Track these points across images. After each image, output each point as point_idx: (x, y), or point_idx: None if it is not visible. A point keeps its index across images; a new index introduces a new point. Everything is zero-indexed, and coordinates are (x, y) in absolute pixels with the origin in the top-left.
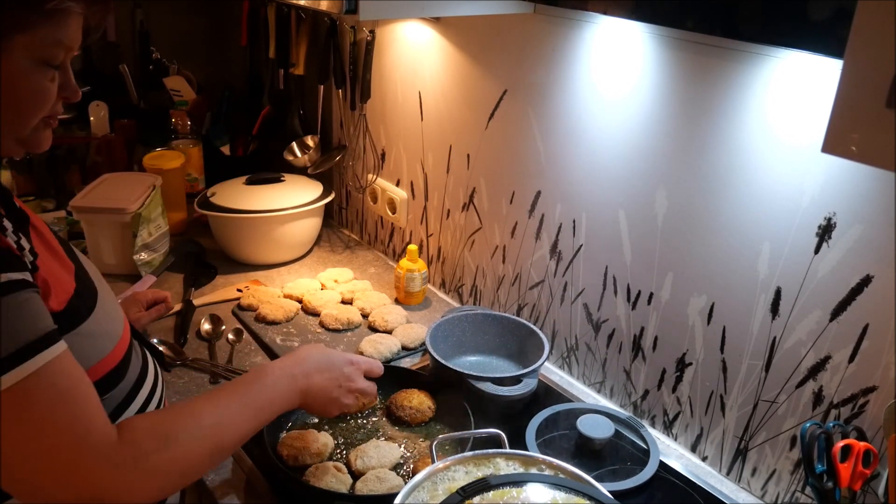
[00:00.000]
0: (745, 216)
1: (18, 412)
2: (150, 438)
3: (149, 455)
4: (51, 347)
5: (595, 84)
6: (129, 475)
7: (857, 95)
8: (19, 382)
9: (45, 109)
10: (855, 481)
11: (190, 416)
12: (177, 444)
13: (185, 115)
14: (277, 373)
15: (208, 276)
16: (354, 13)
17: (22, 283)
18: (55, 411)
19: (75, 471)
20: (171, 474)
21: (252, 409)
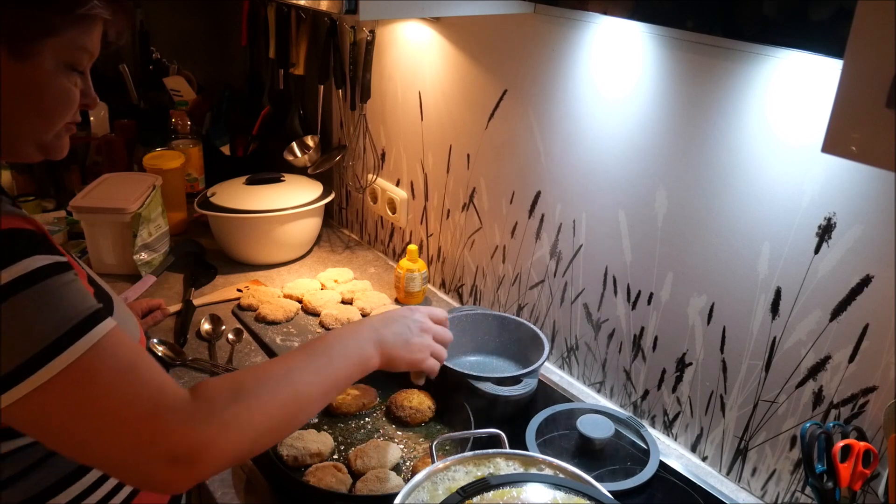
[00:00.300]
0: (745, 216)
1: (88, 384)
2: (223, 393)
3: (225, 408)
4: (105, 321)
5: (595, 84)
6: (208, 429)
7: (857, 95)
8: (86, 353)
9: (70, 114)
10: (855, 481)
11: (260, 370)
12: (249, 396)
13: (185, 115)
14: (348, 327)
15: (208, 276)
16: (354, 13)
17: (66, 265)
18: (124, 378)
19: (156, 431)
20: (251, 425)
21: (323, 359)
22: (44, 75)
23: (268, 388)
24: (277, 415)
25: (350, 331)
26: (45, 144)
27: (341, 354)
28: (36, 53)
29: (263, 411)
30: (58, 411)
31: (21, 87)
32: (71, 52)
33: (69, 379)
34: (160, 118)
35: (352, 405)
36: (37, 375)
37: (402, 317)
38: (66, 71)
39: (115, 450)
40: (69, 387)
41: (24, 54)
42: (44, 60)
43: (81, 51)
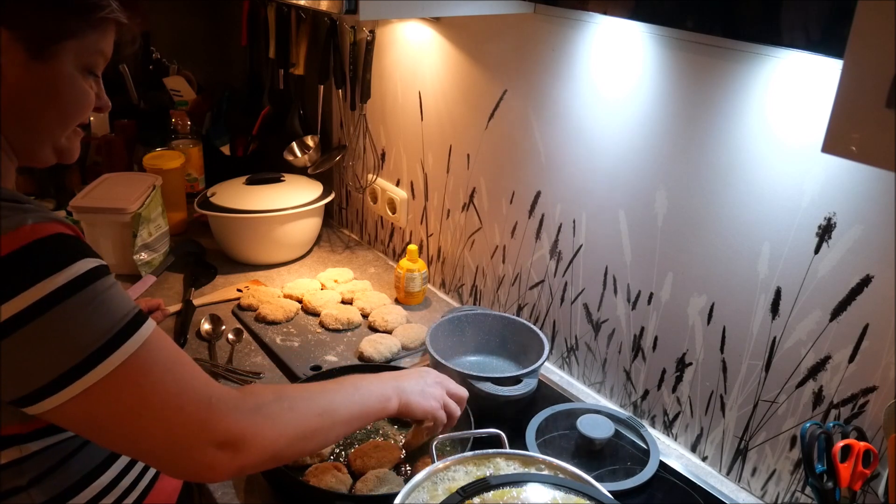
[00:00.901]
0: (745, 216)
1: (145, 376)
2: (267, 393)
3: (269, 403)
4: (148, 321)
5: (595, 84)
6: (255, 418)
7: (857, 95)
8: (137, 351)
9: (85, 114)
10: (855, 481)
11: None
12: (291, 400)
13: (185, 115)
14: (368, 375)
15: (208, 276)
16: (354, 13)
17: (107, 268)
18: (175, 370)
19: (208, 417)
20: (290, 425)
21: (350, 388)
22: (63, 77)
23: (305, 398)
24: (313, 423)
25: (374, 376)
26: (60, 147)
27: (367, 390)
28: (56, 55)
29: (301, 416)
30: (111, 408)
31: (42, 88)
32: (89, 55)
33: (123, 376)
34: (160, 118)
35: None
36: (91, 374)
37: (424, 372)
38: (84, 74)
39: (166, 439)
40: (123, 383)
41: (45, 56)
42: (64, 62)
43: (98, 54)
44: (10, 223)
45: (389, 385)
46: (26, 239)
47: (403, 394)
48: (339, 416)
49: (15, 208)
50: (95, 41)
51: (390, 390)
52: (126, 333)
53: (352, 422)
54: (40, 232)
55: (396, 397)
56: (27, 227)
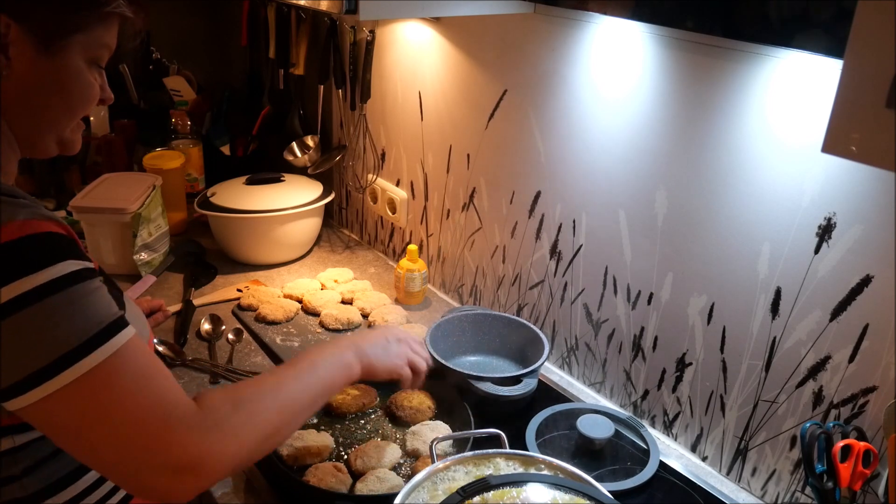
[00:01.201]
0: (745, 216)
1: (105, 391)
2: (225, 403)
3: (228, 418)
4: (125, 329)
5: (595, 84)
6: (213, 438)
7: (857, 95)
8: (106, 360)
9: (90, 106)
10: (855, 481)
11: (254, 382)
12: (248, 405)
13: (185, 115)
14: (324, 344)
15: (208, 276)
16: (354, 13)
17: (95, 271)
18: (142, 385)
19: (165, 440)
20: (251, 434)
21: (308, 370)
22: (71, 70)
23: (263, 399)
24: (274, 422)
25: (331, 344)
26: (63, 138)
27: (326, 365)
28: (64, 49)
29: (262, 420)
30: (73, 415)
31: (48, 80)
32: (95, 49)
33: (88, 384)
34: (160, 118)
35: (352, 405)
36: (58, 378)
37: (381, 330)
38: (90, 66)
39: (122, 455)
40: (87, 392)
41: (54, 50)
42: (72, 56)
43: (103, 47)
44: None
45: (349, 351)
46: (14, 234)
47: (364, 356)
48: (300, 406)
49: (10, 202)
50: (101, 35)
51: (350, 356)
52: (99, 340)
53: (315, 404)
54: (30, 228)
55: (358, 362)
56: (17, 222)
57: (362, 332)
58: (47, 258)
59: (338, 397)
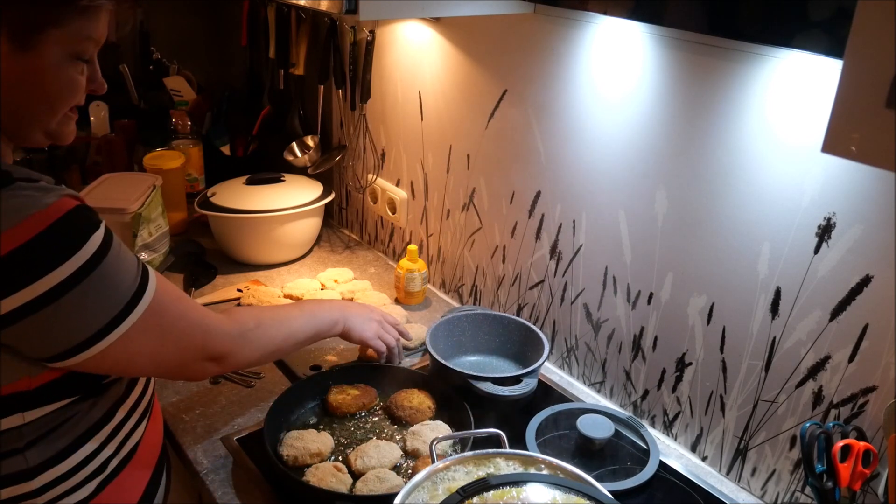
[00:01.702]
0: (745, 216)
1: (161, 316)
2: (250, 319)
3: (251, 330)
4: (151, 272)
5: (595, 84)
6: (239, 341)
7: (857, 95)
8: (152, 300)
9: (74, 100)
10: (855, 481)
11: (272, 310)
12: (265, 326)
13: (185, 115)
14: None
15: (208, 276)
16: (354, 13)
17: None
18: (179, 307)
19: (206, 340)
20: (262, 346)
21: (308, 315)
22: (48, 65)
23: (276, 325)
24: (279, 345)
25: (327, 301)
26: (50, 131)
27: (321, 316)
28: (39, 44)
29: (272, 339)
30: (141, 345)
31: (26, 77)
32: (76, 42)
33: (147, 319)
34: (160, 118)
35: (352, 405)
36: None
37: (365, 307)
38: (72, 60)
39: (178, 355)
40: (148, 325)
41: (28, 45)
42: (48, 51)
43: (86, 40)
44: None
45: (338, 312)
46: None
47: (347, 321)
48: (299, 338)
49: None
50: (81, 28)
51: (338, 316)
52: (143, 286)
53: (307, 341)
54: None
55: (342, 323)
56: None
57: (349, 303)
58: (89, 229)
59: (338, 397)
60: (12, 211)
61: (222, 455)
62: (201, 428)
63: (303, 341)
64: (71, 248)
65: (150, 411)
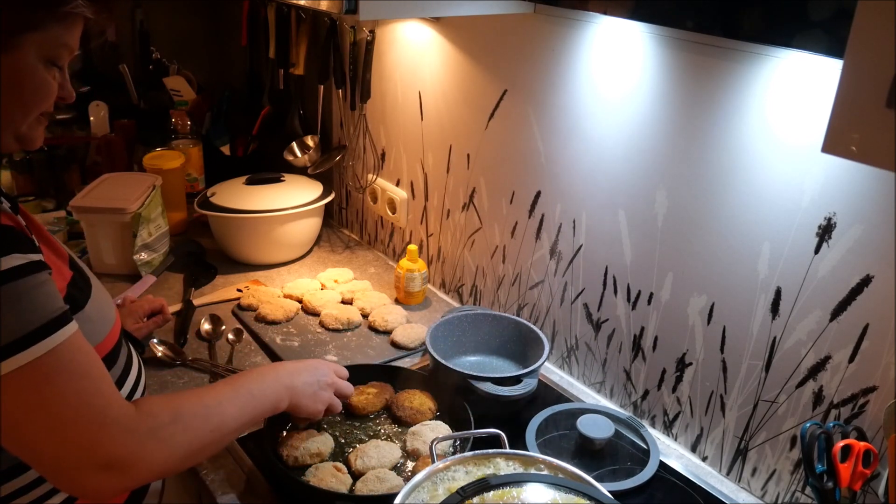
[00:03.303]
0: (745, 216)
1: (43, 385)
2: (164, 411)
3: (164, 426)
4: (67, 326)
5: (595, 84)
6: (147, 443)
7: (857, 95)
8: (42, 357)
9: (46, 104)
10: (855, 481)
11: (196, 397)
12: (186, 418)
13: (185, 115)
14: (267, 370)
15: (208, 276)
16: (354, 13)
17: (39, 264)
18: (78, 383)
19: (100, 438)
20: (182, 446)
21: (246, 397)
22: (25, 68)
23: (201, 416)
24: (206, 439)
25: (271, 374)
26: (21, 135)
27: (261, 394)
28: (18, 46)
29: (195, 435)
30: (8, 408)
31: (3, 78)
32: (52, 48)
33: (26, 377)
34: (160, 118)
35: (375, 403)
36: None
37: (314, 369)
38: (46, 65)
39: (55, 450)
40: (24, 385)
41: (7, 47)
42: (26, 53)
43: (62, 47)
44: None
45: (283, 387)
46: None
47: (295, 396)
48: (231, 428)
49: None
50: (59, 35)
51: (283, 392)
52: (36, 337)
53: (242, 429)
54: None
55: (287, 399)
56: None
57: (298, 368)
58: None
59: (360, 398)
60: None
61: (222, 455)
62: None
63: (238, 429)
64: None
65: None
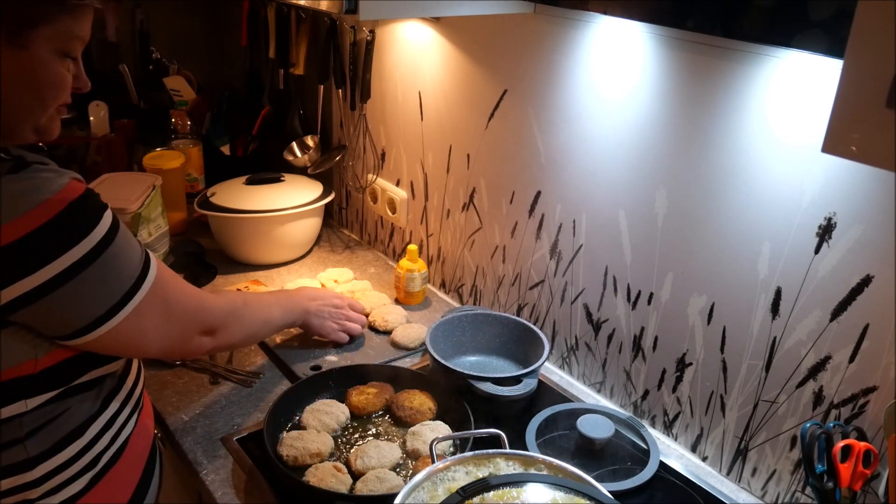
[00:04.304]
0: (745, 216)
1: (163, 294)
2: (237, 298)
3: (239, 307)
4: (148, 252)
5: (595, 84)
6: (230, 317)
7: (857, 95)
8: (157, 276)
9: (63, 97)
10: (855, 481)
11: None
12: (251, 307)
13: (185, 115)
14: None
15: (208, 276)
16: (354, 13)
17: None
18: (179, 286)
19: (201, 316)
20: (247, 325)
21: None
22: (39, 61)
23: (259, 309)
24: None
25: (296, 295)
26: (40, 126)
27: (290, 308)
28: (31, 40)
29: (254, 321)
30: (150, 319)
31: (19, 72)
32: (64, 40)
33: (153, 295)
34: (160, 118)
35: (375, 403)
36: (135, 299)
37: (328, 298)
38: (60, 57)
39: (179, 330)
40: (154, 300)
41: (21, 42)
42: (39, 47)
43: (74, 38)
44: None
45: (302, 306)
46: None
47: (307, 316)
48: (273, 326)
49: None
50: (70, 26)
51: (301, 312)
52: (146, 266)
53: (277, 330)
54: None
55: (302, 318)
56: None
57: (314, 295)
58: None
59: (360, 398)
60: (28, 193)
61: (222, 455)
62: (201, 428)
63: (275, 329)
64: (83, 232)
65: (142, 405)
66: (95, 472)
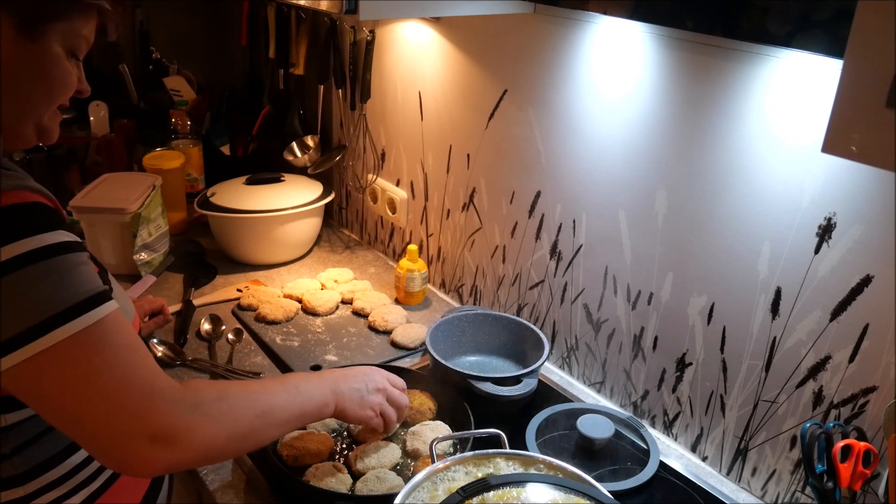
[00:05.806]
0: (745, 216)
1: (91, 355)
2: (210, 389)
3: (210, 402)
4: (111, 301)
5: (595, 84)
6: (193, 416)
7: (857, 95)
8: (90, 327)
9: (67, 95)
10: (855, 481)
11: (241, 383)
12: (231, 399)
13: (185, 115)
14: (316, 374)
15: (208, 276)
16: (354, 13)
17: (82, 245)
18: (124, 354)
19: (147, 408)
20: (227, 424)
21: (292, 390)
22: (51, 56)
23: (246, 399)
24: (251, 424)
25: (317, 376)
26: (42, 126)
27: (307, 393)
28: (45, 35)
29: (240, 417)
30: (57, 379)
31: (31, 65)
32: (73, 39)
33: (73, 348)
34: (160, 118)
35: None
36: (42, 340)
37: (364, 374)
38: (68, 56)
39: (103, 423)
40: (71, 355)
41: (35, 35)
42: (51, 42)
43: (82, 38)
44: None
45: (328, 389)
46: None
47: (341, 400)
48: (277, 419)
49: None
50: (80, 26)
51: (329, 394)
52: (84, 308)
53: (289, 424)
54: (22, 198)
55: (333, 402)
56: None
57: (346, 374)
58: (40, 225)
59: None
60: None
61: None
62: None
63: (284, 423)
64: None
65: None
66: (95, 489)
